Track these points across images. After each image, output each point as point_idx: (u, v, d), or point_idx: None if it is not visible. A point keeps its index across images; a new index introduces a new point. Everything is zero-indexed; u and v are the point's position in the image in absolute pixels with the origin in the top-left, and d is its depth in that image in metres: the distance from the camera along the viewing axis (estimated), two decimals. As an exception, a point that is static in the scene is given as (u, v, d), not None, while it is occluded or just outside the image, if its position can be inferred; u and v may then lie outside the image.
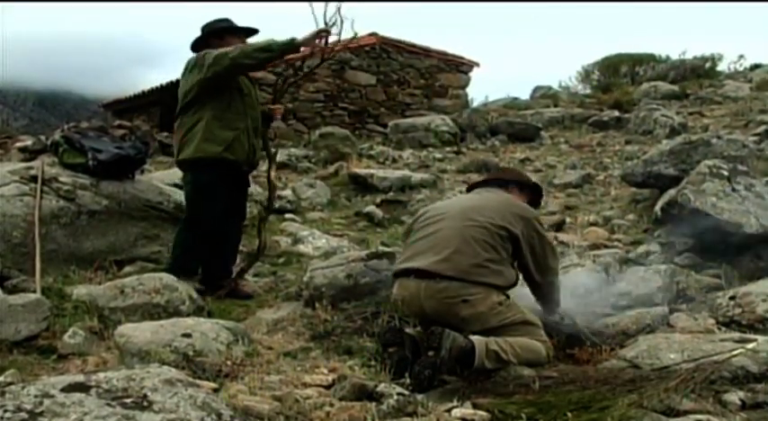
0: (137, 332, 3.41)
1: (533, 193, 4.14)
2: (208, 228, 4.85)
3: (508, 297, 3.62)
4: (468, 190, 4.23)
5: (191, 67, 4.88)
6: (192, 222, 4.88)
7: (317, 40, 4.75)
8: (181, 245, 4.93)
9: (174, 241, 5.04)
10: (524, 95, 18.00)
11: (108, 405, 2.08)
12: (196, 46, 5.02)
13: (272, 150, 5.39)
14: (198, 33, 5.05)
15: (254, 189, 7.79)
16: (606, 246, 5.79)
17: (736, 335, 3.54)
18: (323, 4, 4.65)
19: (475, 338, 3.30)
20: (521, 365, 3.34)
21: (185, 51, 5.11)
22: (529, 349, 3.41)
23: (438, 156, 10.43)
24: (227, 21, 5.08)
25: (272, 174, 5.29)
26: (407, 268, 3.62)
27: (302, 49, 4.88)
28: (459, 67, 16.10)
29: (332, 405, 2.88)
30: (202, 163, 4.80)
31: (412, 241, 3.74)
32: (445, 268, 3.46)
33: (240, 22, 5.11)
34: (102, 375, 2.25)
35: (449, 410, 2.85)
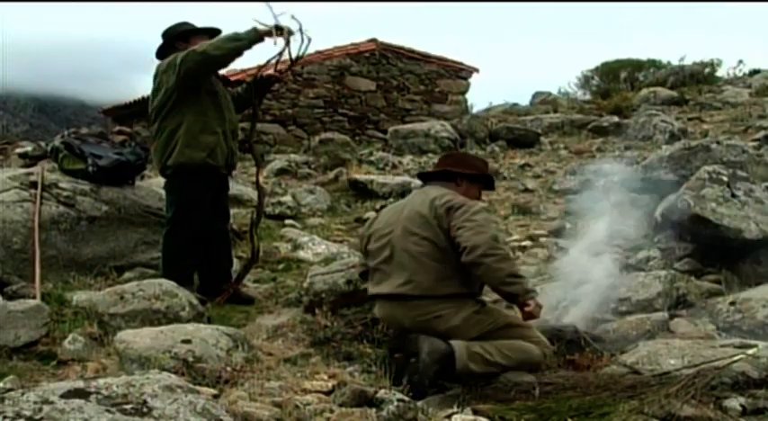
0: (137, 338, 3.40)
1: (485, 183, 3.91)
2: (195, 234, 4.84)
3: (484, 304, 3.56)
4: (421, 178, 4.07)
5: (163, 70, 4.82)
6: (177, 229, 4.85)
7: (274, 36, 4.72)
8: (170, 252, 4.89)
9: (162, 252, 4.99)
10: (524, 101, 18.05)
11: (108, 411, 2.08)
12: (162, 52, 4.98)
13: (260, 154, 5.37)
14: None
15: (255, 195, 7.81)
16: (606, 252, 5.78)
17: (737, 340, 3.53)
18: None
19: (455, 342, 3.30)
20: (514, 367, 3.31)
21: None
22: (518, 350, 3.37)
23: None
24: (187, 24, 5.04)
25: (261, 178, 5.27)
26: (378, 293, 3.65)
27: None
28: (459, 72, 16.12)
29: (332, 411, 2.88)
30: (187, 170, 4.78)
31: (374, 265, 3.68)
32: (410, 289, 3.46)
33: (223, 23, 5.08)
34: (101, 381, 2.25)
35: (449, 416, 2.86)
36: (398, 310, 3.53)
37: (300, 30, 4.73)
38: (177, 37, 4.95)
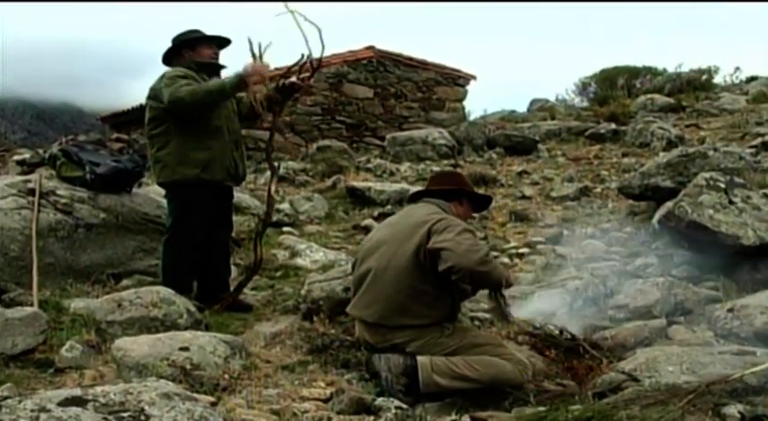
0: (134, 345, 3.40)
1: (480, 202, 3.95)
2: (193, 243, 4.82)
3: (450, 328, 3.45)
4: (411, 200, 3.97)
5: (152, 93, 4.77)
6: (176, 238, 4.83)
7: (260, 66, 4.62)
8: (170, 260, 4.87)
9: (162, 260, 4.97)
10: (521, 108, 18.09)
11: (105, 419, 2.07)
12: (168, 57, 4.94)
13: (275, 164, 5.33)
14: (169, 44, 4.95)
15: (253, 202, 7.82)
16: (604, 259, 5.80)
17: (735, 347, 3.53)
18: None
19: (419, 356, 3.30)
20: (486, 383, 3.22)
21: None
22: (487, 364, 3.27)
23: (435, 169, 10.44)
24: (197, 31, 4.98)
25: (273, 188, 5.22)
26: (349, 313, 3.77)
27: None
28: (457, 80, 16.16)
29: (330, 418, 2.88)
30: (181, 184, 4.75)
31: (353, 281, 3.76)
32: (369, 314, 3.51)
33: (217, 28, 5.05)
34: (99, 389, 2.25)
35: (447, 424, 2.85)
36: (365, 332, 3.59)
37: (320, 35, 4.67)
38: (184, 44, 4.90)
